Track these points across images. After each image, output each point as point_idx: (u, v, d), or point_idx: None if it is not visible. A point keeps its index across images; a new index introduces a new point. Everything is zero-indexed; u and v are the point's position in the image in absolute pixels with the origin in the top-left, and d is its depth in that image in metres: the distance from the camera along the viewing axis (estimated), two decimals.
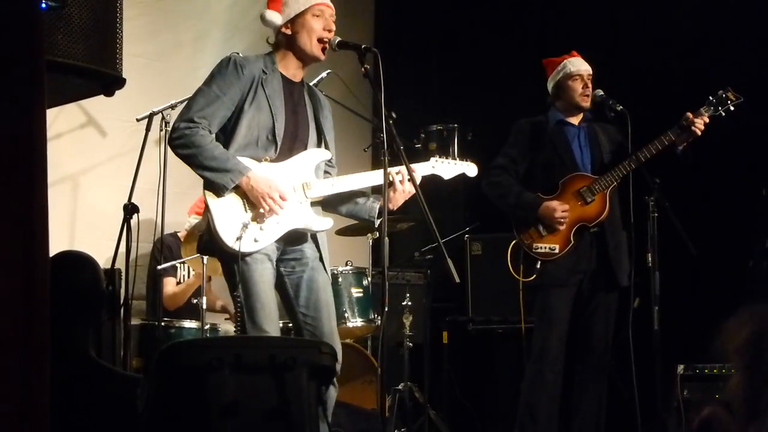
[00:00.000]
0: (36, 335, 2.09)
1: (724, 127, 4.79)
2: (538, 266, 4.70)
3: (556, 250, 4.69)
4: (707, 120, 4.67)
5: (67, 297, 3.04)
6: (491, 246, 5.90)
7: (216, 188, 3.68)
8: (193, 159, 3.68)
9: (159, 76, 5.89)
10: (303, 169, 3.84)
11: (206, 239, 3.79)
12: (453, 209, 6.51)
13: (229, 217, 3.68)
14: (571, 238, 4.70)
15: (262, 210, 3.70)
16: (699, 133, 4.66)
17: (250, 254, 3.67)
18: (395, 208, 3.86)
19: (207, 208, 3.72)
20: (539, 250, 4.71)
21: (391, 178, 3.73)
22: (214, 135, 3.73)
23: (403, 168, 3.77)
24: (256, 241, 3.69)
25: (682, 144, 4.68)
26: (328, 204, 3.98)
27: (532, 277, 4.70)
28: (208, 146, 3.66)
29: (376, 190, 3.84)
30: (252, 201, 3.70)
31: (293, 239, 3.83)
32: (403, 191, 3.78)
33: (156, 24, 5.95)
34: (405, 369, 5.57)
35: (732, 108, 4.73)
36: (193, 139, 3.66)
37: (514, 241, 4.79)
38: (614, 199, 4.79)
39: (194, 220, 5.54)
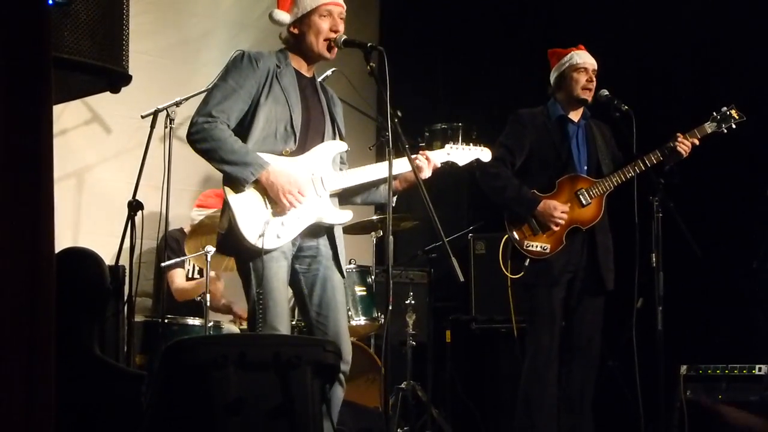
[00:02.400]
0: (41, 331, 2.10)
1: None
2: (527, 264, 4.68)
3: (548, 250, 4.67)
4: (695, 142, 4.68)
5: (71, 293, 3.04)
6: (495, 245, 5.83)
7: (236, 182, 3.67)
8: (212, 153, 3.67)
9: (164, 73, 5.89)
10: (320, 161, 3.84)
11: (224, 237, 3.77)
12: (457, 208, 6.51)
13: (250, 214, 3.67)
14: (563, 239, 4.68)
15: (281, 206, 3.70)
16: (684, 155, 4.66)
17: (272, 251, 3.67)
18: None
19: (228, 206, 3.70)
20: (530, 248, 4.69)
21: (418, 162, 3.83)
22: (232, 129, 3.73)
23: (422, 156, 3.87)
24: (278, 237, 3.69)
25: (670, 163, 4.69)
26: (345, 195, 3.99)
27: (519, 275, 4.68)
28: (227, 140, 3.65)
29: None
30: (272, 197, 3.72)
31: (311, 233, 3.83)
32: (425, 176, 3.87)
33: (161, 21, 5.96)
34: (408, 367, 5.57)
35: (734, 126, 4.74)
36: (212, 133, 3.65)
37: (506, 237, 4.77)
38: (606, 202, 4.78)
39: (195, 213, 5.55)
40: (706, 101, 4.84)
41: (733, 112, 4.74)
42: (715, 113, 4.75)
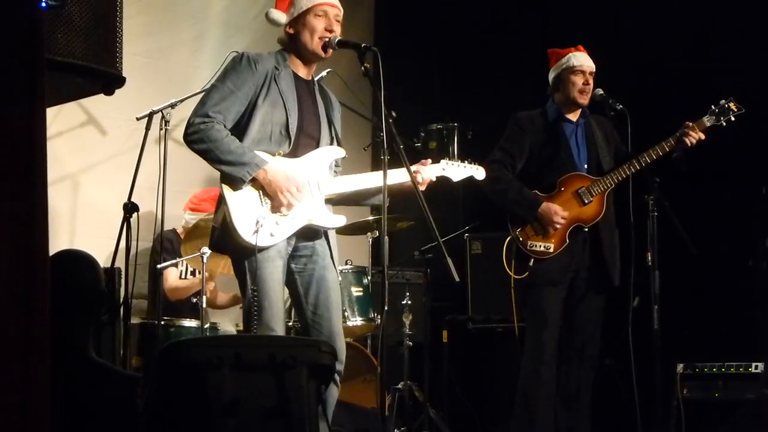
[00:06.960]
0: (36, 334, 2.09)
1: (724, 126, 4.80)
2: (531, 264, 4.70)
3: (551, 249, 4.70)
4: (701, 136, 4.69)
5: (67, 296, 3.04)
6: (491, 245, 5.89)
7: (233, 181, 3.69)
8: (209, 153, 3.69)
9: (158, 75, 5.89)
10: (317, 166, 3.86)
11: (219, 234, 3.79)
12: (453, 208, 6.51)
13: (245, 211, 3.69)
14: (566, 238, 4.70)
15: (278, 203, 3.71)
16: (689, 145, 4.67)
17: (265, 248, 3.67)
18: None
19: (223, 202, 3.72)
20: (534, 248, 4.71)
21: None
22: (228, 129, 3.74)
23: (418, 167, 3.88)
24: (272, 235, 3.70)
25: (678, 151, 4.70)
26: (340, 200, 3.99)
27: (524, 275, 4.70)
28: (224, 140, 3.67)
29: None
30: (268, 195, 3.72)
31: (306, 235, 3.84)
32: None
33: (155, 23, 5.95)
34: (405, 368, 5.57)
35: (733, 119, 4.75)
36: (208, 134, 3.67)
37: (509, 237, 4.78)
38: (610, 199, 4.80)
39: (189, 216, 5.55)
40: (703, 99, 4.84)
41: (731, 104, 4.75)
42: (713, 106, 4.77)
